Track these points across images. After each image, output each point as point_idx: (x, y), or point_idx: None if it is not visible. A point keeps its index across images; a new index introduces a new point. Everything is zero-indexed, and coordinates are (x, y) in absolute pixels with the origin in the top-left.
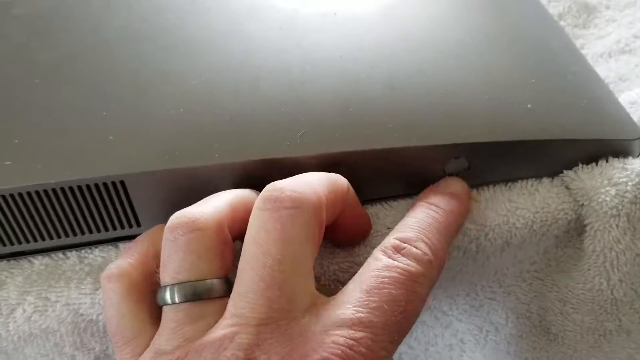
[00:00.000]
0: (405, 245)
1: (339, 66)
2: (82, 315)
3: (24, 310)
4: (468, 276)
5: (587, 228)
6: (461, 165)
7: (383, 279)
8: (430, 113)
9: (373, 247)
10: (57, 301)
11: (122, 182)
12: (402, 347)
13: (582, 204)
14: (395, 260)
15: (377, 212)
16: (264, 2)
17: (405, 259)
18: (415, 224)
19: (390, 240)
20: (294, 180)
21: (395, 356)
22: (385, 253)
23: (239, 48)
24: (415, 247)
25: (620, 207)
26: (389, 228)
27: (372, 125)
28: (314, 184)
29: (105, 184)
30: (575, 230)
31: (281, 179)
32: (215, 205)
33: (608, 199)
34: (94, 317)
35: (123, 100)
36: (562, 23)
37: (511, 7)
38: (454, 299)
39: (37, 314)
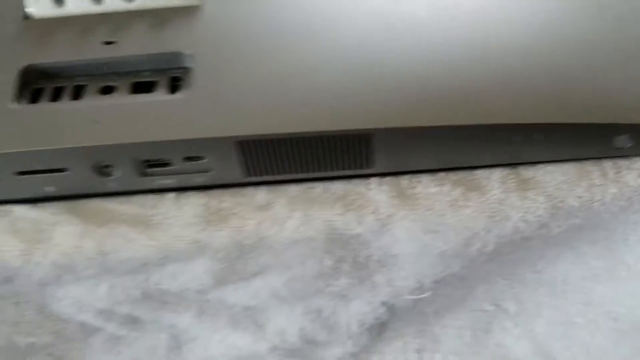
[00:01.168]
0: None
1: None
2: (334, 229)
3: (293, 223)
4: (611, 225)
5: None
6: (625, 141)
7: None
8: (592, 93)
9: None
10: (317, 217)
11: (369, 135)
12: (545, 275)
13: None
14: None
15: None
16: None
17: None
18: None
19: None
20: None
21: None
22: None
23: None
24: None
25: None
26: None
27: (549, 100)
28: None
29: (353, 136)
30: None
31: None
32: None
33: None
34: (342, 232)
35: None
36: None
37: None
38: (594, 243)
39: (304, 225)
